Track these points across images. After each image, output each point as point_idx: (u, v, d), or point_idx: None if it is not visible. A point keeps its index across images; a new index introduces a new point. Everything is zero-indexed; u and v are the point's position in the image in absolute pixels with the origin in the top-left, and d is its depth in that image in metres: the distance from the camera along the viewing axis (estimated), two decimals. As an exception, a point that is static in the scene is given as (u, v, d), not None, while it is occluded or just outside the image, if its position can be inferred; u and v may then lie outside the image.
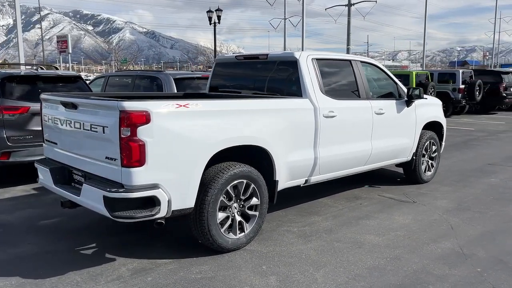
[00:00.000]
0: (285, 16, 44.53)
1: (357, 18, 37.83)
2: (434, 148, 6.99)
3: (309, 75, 4.95)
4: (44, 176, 4.48)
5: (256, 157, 4.44)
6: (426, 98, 6.63)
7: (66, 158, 4.26)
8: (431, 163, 7.01)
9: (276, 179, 4.54)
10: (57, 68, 9.30)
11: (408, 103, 6.23)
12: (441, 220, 5.18)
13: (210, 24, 26.13)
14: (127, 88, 8.50)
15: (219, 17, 26.38)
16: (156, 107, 3.54)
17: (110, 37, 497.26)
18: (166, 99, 3.88)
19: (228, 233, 4.15)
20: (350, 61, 5.65)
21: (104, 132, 3.61)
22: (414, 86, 15.78)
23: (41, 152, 6.47)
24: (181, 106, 3.71)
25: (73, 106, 3.98)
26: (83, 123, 3.84)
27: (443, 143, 7.35)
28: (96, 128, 3.68)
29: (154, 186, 3.57)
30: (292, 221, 5.10)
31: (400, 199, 6.04)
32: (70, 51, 25.31)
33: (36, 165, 4.66)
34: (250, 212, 4.32)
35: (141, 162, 3.48)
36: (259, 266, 3.91)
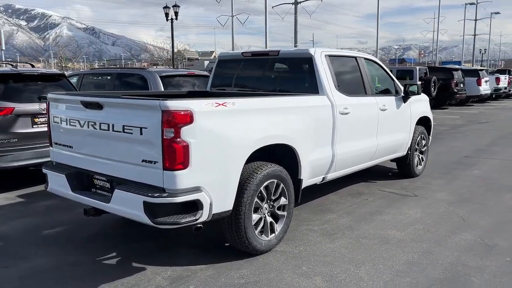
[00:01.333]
0: (232, 13, 44.18)
1: (302, 16, 38.39)
2: (424, 142, 7.20)
3: (325, 72, 4.92)
4: (57, 183, 4.10)
5: (280, 156, 4.35)
6: (420, 94, 6.80)
7: (85, 162, 3.93)
8: (422, 157, 7.22)
9: (301, 178, 4.48)
10: (33, 66, 8.67)
11: (405, 99, 6.37)
12: (449, 212, 5.33)
13: (167, 20, 25.53)
14: (108, 87, 8.08)
15: (176, 14, 25.81)
16: (198, 106, 3.36)
17: (46, 33, 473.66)
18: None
19: (261, 234, 4.04)
20: (355, 57, 5.68)
21: (141, 134, 3.36)
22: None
23: (27, 157, 6.09)
24: (219, 105, 3.54)
25: (98, 106, 3.68)
26: (113, 125, 3.56)
27: (430, 137, 7.59)
28: (131, 130, 3.42)
29: (197, 189, 3.39)
30: (309, 220, 5.05)
31: (401, 193, 6.16)
32: (4, 48, 23.70)
33: (44, 170, 4.26)
34: (279, 213, 4.23)
35: (185, 164, 3.29)
36: (299, 267, 3.83)
